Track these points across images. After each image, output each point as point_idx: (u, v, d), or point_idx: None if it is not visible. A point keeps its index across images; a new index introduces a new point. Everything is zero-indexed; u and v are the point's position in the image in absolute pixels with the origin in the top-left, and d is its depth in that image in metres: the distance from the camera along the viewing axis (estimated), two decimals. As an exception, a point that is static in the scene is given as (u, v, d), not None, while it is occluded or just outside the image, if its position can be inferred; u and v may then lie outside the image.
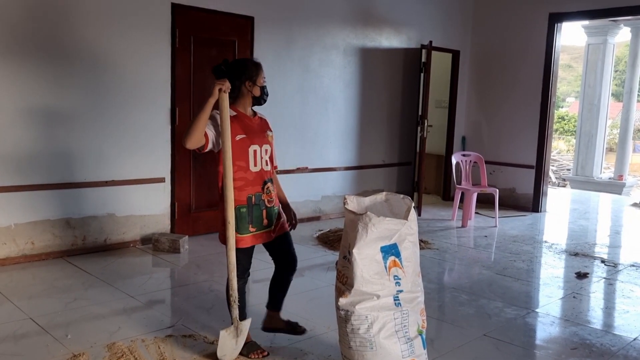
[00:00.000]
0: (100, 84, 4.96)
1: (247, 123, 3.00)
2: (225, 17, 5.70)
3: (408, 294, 2.69)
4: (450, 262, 5.33)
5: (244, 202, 2.95)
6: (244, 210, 2.95)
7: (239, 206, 2.93)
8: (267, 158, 3.04)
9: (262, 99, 3.05)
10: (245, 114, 3.03)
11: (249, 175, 2.96)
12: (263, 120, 3.16)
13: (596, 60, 11.84)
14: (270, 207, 3.04)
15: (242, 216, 2.94)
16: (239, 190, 2.93)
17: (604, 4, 7.12)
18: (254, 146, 2.98)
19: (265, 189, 3.02)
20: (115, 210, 5.15)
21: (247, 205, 2.95)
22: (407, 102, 7.64)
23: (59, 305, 3.77)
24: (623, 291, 4.57)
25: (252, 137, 2.98)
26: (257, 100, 3.04)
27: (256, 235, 3.02)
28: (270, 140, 3.10)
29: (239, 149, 2.91)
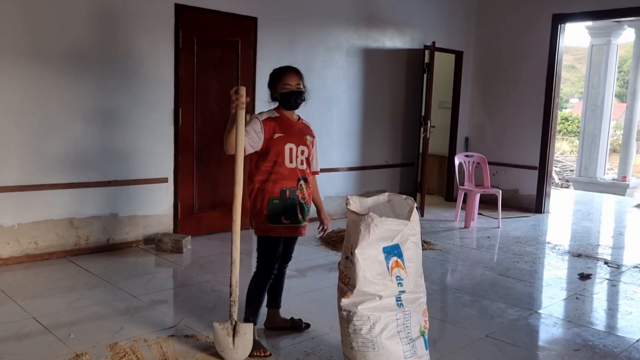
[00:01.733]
0: (104, 84, 4.97)
1: (287, 124, 3.21)
2: (228, 18, 5.71)
3: (410, 295, 2.69)
4: (453, 263, 5.33)
5: (277, 195, 3.15)
6: (276, 202, 3.15)
7: (272, 198, 3.15)
8: (302, 158, 3.21)
9: (286, 104, 3.22)
10: (287, 116, 3.24)
11: (284, 170, 3.15)
12: (306, 126, 3.36)
13: (600, 61, 11.82)
14: (303, 204, 3.22)
15: (274, 207, 3.15)
16: (273, 183, 3.15)
17: (607, 5, 7.11)
18: (290, 144, 3.16)
19: (299, 185, 3.20)
20: (118, 210, 5.16)
21: (280, 197, 3.15)
22: (410, 102, 7.64)
23: (62, 305, 3.78)
24: (626, 292, 4.56)
25: (289, 136, 3.18)
26: (282, 104, 3.23)
27: (289, 228, 3.21)
28: (308, 144, 3.27)
29: (276, 146, 3.13)
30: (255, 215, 3.24)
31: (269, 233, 3.19)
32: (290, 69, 3.30)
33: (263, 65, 6.01)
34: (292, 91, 3.20)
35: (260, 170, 3.17)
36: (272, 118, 3.19)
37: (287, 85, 3.20)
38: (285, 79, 3.21)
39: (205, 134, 5.66)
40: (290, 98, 3.20)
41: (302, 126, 3.31)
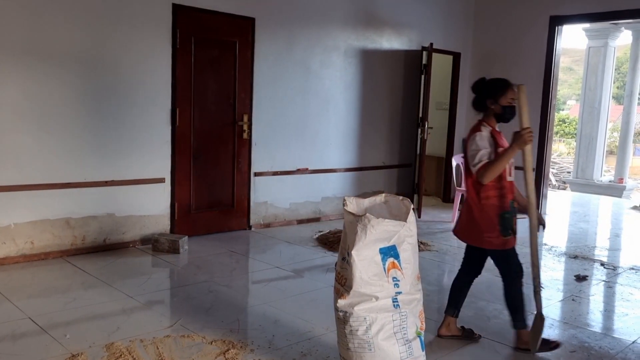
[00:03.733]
0: (101, 83, 4.96)
1: (501, 137, 3.26)
2: (226, 18, 5.71)
3: (407, 296, 2.69)
4: (449, 264, 5.33)
5: (507, 209, 3.21)
6: (507, 215, 3.21)
7: (504, 212, 3.20)
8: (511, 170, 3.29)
9: (504, 117, 3.25)
10: (496, 129, 3.27)
11: (506, 183, 3.23)
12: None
13: (597, 63, 11.84)
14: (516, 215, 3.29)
15: (506, 221, 3.20)
16: (501, 198, 3.21)
17: (604, 7, 7.12)
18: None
19: (515, 197, 3.29)
20: (115, 211, 5.15)
21: (510, 211, 3.22)
22: (407, 103, 7.65)
23: (58, 305, 3.78)
24: (622, 294, 4.56)
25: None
26: (498, 117, 3.26)
27: (514, 239, 3.27)
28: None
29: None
30: (486, 230, 3.22)
31: (506, 246, 3.23)
32: (511, 83, 3.28)
33: (260, 66, 6.01)
34: (513, 106, 3.21)
35: (487, 186, 3.18)
36: (496, 131, 3.24)
37: (512, 100, 3.20)
38: (511, 93, 3.21)
39: (203, 134, 5.66)
40: (513, 112, 3.22)
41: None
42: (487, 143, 3.17)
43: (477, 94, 3.27)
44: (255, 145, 6.08)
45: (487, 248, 3.28)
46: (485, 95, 3.25)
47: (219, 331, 3.40)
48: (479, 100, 3.26)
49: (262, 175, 6.20)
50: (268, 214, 6.32)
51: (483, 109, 3.27)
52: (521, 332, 3.36)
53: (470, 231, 3.32)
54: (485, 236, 3.22)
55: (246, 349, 3.16)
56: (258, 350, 3.17)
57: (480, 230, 3.24)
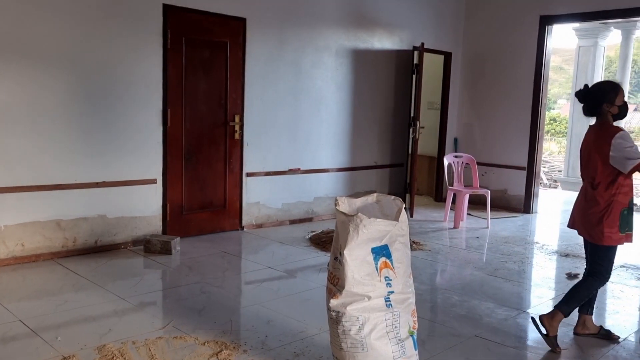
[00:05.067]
0: (91, 84, 4.94)
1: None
2: (217, 19, 5.70)
3: (399, 295, 2.70)
4: (442, 263, 5.34)
5: (626, 206, 3.32)
6: (626, 212, 3.31)
7: (624, 208, 3.31)
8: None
9: (620, 116, 3.38)
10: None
11: (629, 182, 3.34)
12: None
13: (587, 62, 11.90)
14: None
15: (625, 218, 3.31)
16: (624, 195, 3.31)
17: (594, 7, 7.16)
18: None
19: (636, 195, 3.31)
20: (106, 212, 5.13)
21: (629, 208, 3.32)
22: (399, 103, 7.66)
23: (49, 307, 3.75)
24: (613, 292, 4.59)
25: None
26: (615, 116, 3.38)
27: (628, 236, 3.35)
28: None
29: None
30: (607, 226, 3.31)
31: (619, 242, 3.33)
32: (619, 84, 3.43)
33: (252, 66, 6.00)
34: (627, 104, 3.38)
35: (618, 184, 3.29)
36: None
37: (624, 99, 3.36)
38: (622, 93, 3.35)
39: (194, 135, 5.64)
40: (627, 110, 3.38)
41: None
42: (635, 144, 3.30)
43: (589, 101, 3.40)
44: (247, 145, 6.07)
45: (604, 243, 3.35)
46: (600, 101, 3.35)
47: (211, 332, 3.39)
48: (594, 105, 3.38)
49: (254, 175, 6.19)
50: (260, 214, 6.32)
51: (597, 113, 3.40)
52: (585, 317, 3.57)
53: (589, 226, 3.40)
54: (602, 230, 3.32)
55: (239, 350, 3.16)
56: (251, 350, 3.17)
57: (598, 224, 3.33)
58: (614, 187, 3.30)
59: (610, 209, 3.30)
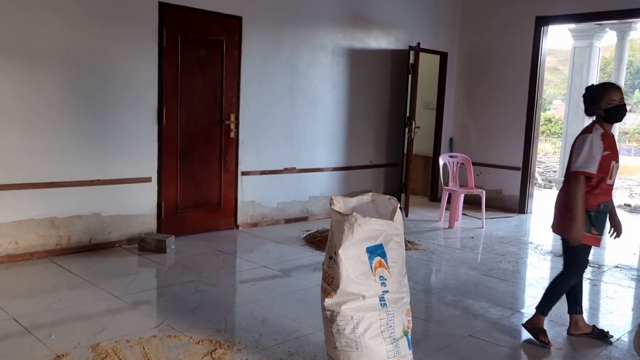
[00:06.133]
0: (87, 82, 4.93)
1: (612, 141, 3.37)
2: (213, 17, 5.69)
3: (394, 295, 2.70)
4: (437, 263, 5.35)
5: (593, 207, 3.34)
6: (593, 214, 3.35)
7: (589, 209, 3.34)
8: (616, 174, 3.40)
9: (609, 119, 3.35)
10: (609, 132, 3.38)
11: (604, 186, 3.34)
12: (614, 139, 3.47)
13: (582, 63, 11.93)
14: (610, 217, 3.47)
15: (590, 218, 3.35)
16: (594, 197, 3.34)
17: (589, 8, 7.19)
18: (613, 162, 3.35)
19: (611, 200, 3.43)
20: (100, 210, 5.11)
21: (595, 210, 3.34)
22: (395, 103, 7.66)
23: (43, 305, 3.74)
24: (607, 292, 4.61)
25: (614, 154, 3.36)
26: (605, 119, 3.36)
27: (597, 239, 3.39)
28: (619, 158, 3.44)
29: (604, 163, 3.30)
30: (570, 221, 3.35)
31: (582, 241, 3.35)
32: (613, 85, 3.40)
33: (248, 65, 6.00)
34: (617, 105, 3.31)
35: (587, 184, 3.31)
36: (604, 134, 3.33)
37: (613, 100, 3.30)
38: (610, 94, 3.32)
39: (190, 133, 5.63)
40: (617, 112, 3.32)
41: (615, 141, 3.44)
42: (597, 149, 3.28)
43: (584, 103, 3.46)
44: (242, 144, 6.06)
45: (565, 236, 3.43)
46: (588, 103, 3.41)
47: (205, 331, 3.38)
48: (586, 107, 3.45)
49: (250, 174, 6.18)
50: (255, 213, 6.31)
51: (591, 114, 3.44)
52: (576, 317, 3.58)
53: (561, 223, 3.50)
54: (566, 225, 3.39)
55: (233, 349, 3.15)
56: (245, 349, 3.17)
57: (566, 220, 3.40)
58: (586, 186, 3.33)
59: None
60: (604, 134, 3.33)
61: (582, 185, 3.27)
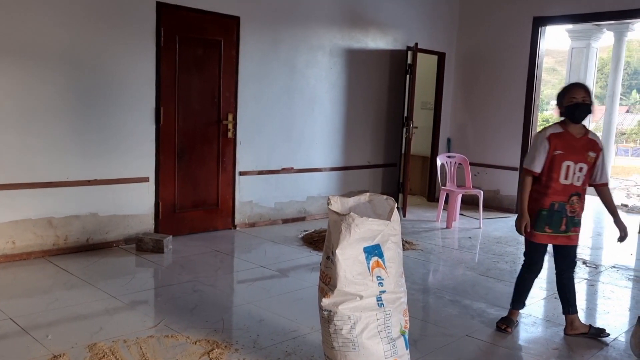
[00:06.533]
0: (84, 82, 4.92)
1: (569, 140, 3.40)
2: (211, 17, 5.68)
3: (391, 295, 2.70)
4: (434, 263, 5.36)
5: (546, 207, 3.43)
6: (544, 213, 3.44)
7: (541, 209, 3.44)
8: (579, 174, 3.40)
9: (570, 116, 3.39)
10: (571, 132, 3.41)
11: (558, 186, 3.40)
12: (592, 140, 3.45)
13: (579, 63, 11.98)
14: (571, 217, 3.45)
15: (541, 217, 3.45)
16: (544, 196, 3.43)
17: (587, 9, 7.20)
18: (568, 162, 3.37)
19: (570, 200, 3.43)
20: (98, 210, 5.11)
21: (548, 209, 3.42)
22: (392, 103, 7.67)
23: (40, 305, 3.73)
24: (604, 292, 4.62)
25: (569, 153, 3.37)
26: (567, 117, 3.40)
27: (551, 236, 3.49)
28: (589, 160, 3.41)
29: (554, 163, 3.38)
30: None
31: (531, 237, 3.52)
32: (579, 84, 3.45)
33: (245, 65, 6.00)
34: (576, 103, 3.33)
35: (540, 183, 3.44)
36: (556, 134, 3.40)
37: (573, 99, 3.34)
38: (572, 92, 3.37)
39: (187, 133, 5.63)
40: (575, 110, 3.34)
41: (586, 141, 3.42)
42: (540, 148, 3.40)
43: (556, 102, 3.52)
44: (240, 144, 6.06)
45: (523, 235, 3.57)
46: (557, 102, 3.48)
47: (203, 331, 3.38)
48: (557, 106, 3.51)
49: (247, 174, 6.18)
50: (253, 213, 6.31)
51: (560, 114, 3.48)
52: (571, 317, 3.61)
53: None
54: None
55: (230, 349, 3.15)
56: (242, 349, 3.16)
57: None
58: (538, 185, 3.46)
59: (530, 204, 3.48)
60: (560, 134, 3.39)
61: (527, 181, 3.46)
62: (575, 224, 3.48)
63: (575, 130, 3.41)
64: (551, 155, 3.37)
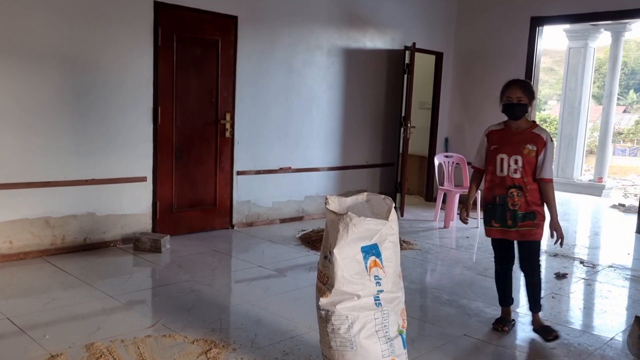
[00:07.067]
0: (82, 81, 4.91)
1: (505, 135, 3.52)
2: (208, 16, 5.68)
3: (388, 294, 2.70)
4: (432, 263, 5.36)
5: (490, 200, 3.55)
6: (489, 206, 3.55)
7: (487, 202, 3.57)
8: (516, 167, 3.44)
9: (507, 114, 3.50)
10: (509, 128, 3.52)
11: (496, 179, 3.52)
12: (535, 135, 3.47)
13: (577, 63, 11.98)
14: (513, 210, 3.47)
15: (487, 211, 3.58)
16: (488, 190, 3.57)
17: (584, 9, 7.21)
18: (501, 155, 3.48)
19: (509, 193, 3.46)
20: (95, 210, 5.10)
21: (492, 202, 3.53)
22: (390, 103, 7.67)
23: (37, 305, 3.73)
24: (601, 292, 4.63)
25: (502, 147, 3.49)
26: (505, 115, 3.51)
27: (499, 230, 3.55)
28: (526, 153, 3.43)
29: (490, 157, 3.55)
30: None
31: (486, 233, 3.63)
32: (513, 82, 3.53)
33: (243, 64, 5.99)
34: (511, 104, 3.43)
35: (485, 178, 3.61)
36: (496, 130, 3.58)
37: (509, 98, 3.45)
38: (507, 91, 3.48)
39: (185, 132, 5.63)
40: (509, 110, 3.46)
41: (526, 136, 3.46)
42: (480, 144, 3.64)
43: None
44: (237, 143, 6.06)
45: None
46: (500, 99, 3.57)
47: (200, 330, 3.38)
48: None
49: (245, 174, 6.18)
50: (251, 213, 6.31)
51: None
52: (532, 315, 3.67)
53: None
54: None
55: (228, 348, 3.15)
56: (240, 349, 3.16)
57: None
58: (485, 180, 3.62)
59: (482, 199, 3.65)
60: (499, 130, 3.55)
61: (472, 175, 3.70)
62: (522, 218, 3.46)
63: (515, 125, 3.49)
64: (489, 150, 3.54)
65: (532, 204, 3.46)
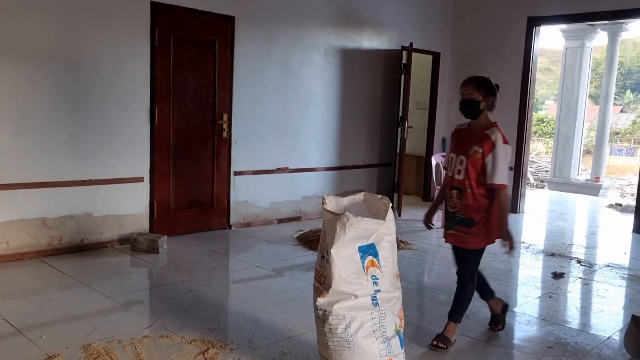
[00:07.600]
0: (78, 82, 4.90)
1: (461, 135, 3.36)
2: (205, 17, 5.68)
3: (386, 294, 2.70)
4: (429, 263, 5.37)
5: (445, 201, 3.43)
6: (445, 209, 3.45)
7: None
8: (460, 168, 3.25)
9: (460, 110, 3.32)
10: (467, 128, 3.36)
11: (446, 178, 3.42)
12: (485, 136, 3.22)
13: (574, 63, 12.01)
14: (451, 213, 3.33)
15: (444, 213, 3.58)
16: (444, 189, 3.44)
17: (581, 9, 7.23)
18: (452, 154, 3.35)
19: (450, 194, 3.32)
20: (92, 210, 5.09)
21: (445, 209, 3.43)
22: (387, 103, 7.68)
23: (34, 306, 3.72)
24: (598, 291, 4.64)
25: (455, 146, 3.35)
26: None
27: (447, 234, 3.41)
28: (471, 154, 3.21)
29: (447, 156, 3.43)
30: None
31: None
32: (467, 79, 3.30)
33: (240, 64, 5.99)
34: (462, 100, 3.27)
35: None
36: (459, 129, 3.41)
37: (461, 95, 3.27)
38: (461, 88, 3.29)
39: (182, 133, 5.62)
40: (460, 107, 3.29)
41: (477, 136, 3.23)
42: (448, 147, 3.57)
43: None
44: (235, 144, 6.05)
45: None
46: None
47: (198, 331, 3.38)
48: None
49: (242, 174, 6.18)
50: (248, 213, 6.30)
51: None
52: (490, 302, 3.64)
53: None
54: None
55: (226, 349, 3.15)
56: (238, 349, 3.16)
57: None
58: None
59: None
60: (461, 129, 3.39)
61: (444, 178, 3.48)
62: (459, 222, 3.24)
63: (473, 124, 3.30)
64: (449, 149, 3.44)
65: (473, 210, 3.19)
